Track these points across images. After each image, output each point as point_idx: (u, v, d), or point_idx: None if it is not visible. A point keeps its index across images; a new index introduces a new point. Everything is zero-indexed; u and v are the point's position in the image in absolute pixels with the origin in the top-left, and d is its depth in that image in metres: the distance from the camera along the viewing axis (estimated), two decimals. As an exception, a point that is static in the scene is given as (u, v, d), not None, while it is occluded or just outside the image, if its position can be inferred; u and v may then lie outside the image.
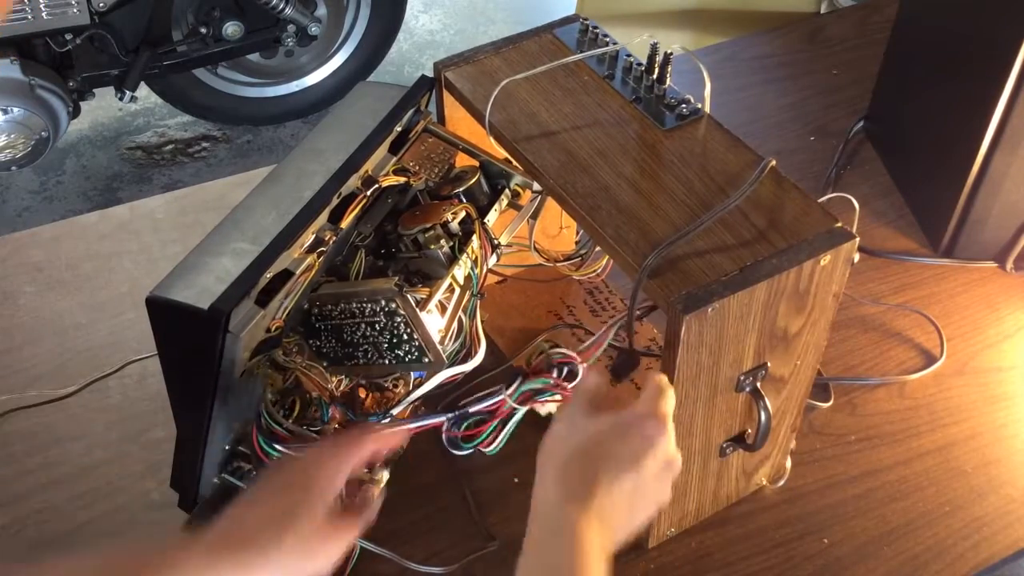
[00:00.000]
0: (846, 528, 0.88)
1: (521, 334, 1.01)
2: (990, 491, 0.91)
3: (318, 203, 0.77)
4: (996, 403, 0.99)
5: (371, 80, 2.30)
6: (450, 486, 0.90)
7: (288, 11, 2.39)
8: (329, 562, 0.63)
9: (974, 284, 1.11)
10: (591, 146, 0.82)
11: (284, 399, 0.80)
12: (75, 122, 2.49)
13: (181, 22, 2.38)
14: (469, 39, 3.05)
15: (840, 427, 0.96)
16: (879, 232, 1.17)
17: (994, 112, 1.00)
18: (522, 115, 0.85)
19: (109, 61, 2.29)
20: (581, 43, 0.92)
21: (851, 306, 1.07)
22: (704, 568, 0.85)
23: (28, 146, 2.21)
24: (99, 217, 1.20)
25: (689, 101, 0.84)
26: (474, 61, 0.91)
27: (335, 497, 0.65)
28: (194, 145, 2.68)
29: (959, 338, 1.05)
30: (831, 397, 0.98)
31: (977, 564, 0.86)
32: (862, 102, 1.30)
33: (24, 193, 2.51)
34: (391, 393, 0.88)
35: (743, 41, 1.48)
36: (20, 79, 2.13)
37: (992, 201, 1.07)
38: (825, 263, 0.72)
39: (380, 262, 0.85)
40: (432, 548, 0.85)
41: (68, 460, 0.92)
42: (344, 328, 0.81)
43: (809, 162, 1.25)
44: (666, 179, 0.78)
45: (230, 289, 0.69)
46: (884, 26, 1.30)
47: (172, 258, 0.77)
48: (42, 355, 1.02)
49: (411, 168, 0.88)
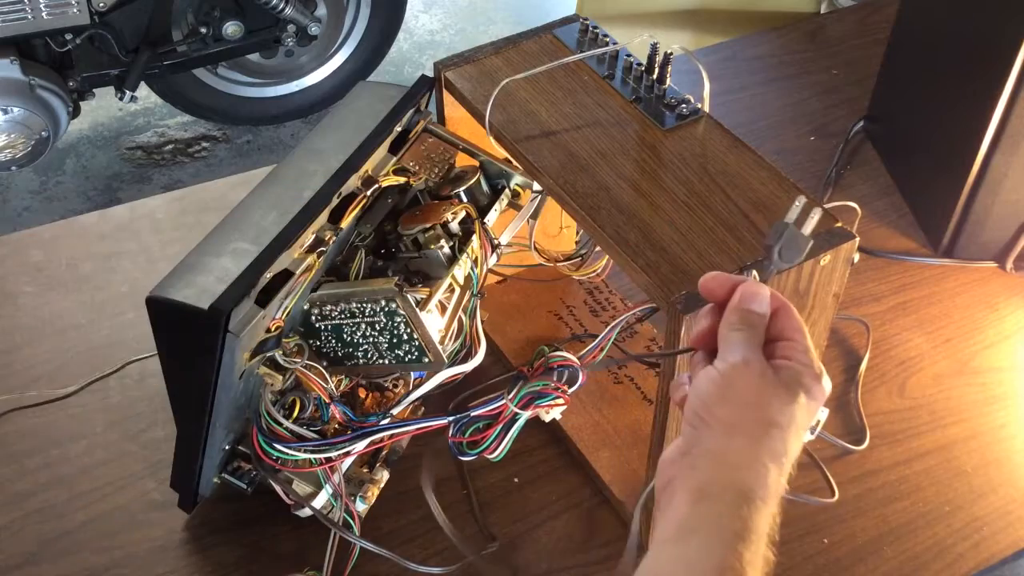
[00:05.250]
0: (846, 528, 0.88)
1: (521, 334, 1.01)
2: (990, 491, 0.91)
3: (318, 203, 0.77)
4: (996, 403, 0.99)
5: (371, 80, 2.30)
6: (450, 486, 0.90)
7: (288, 11, 2.39)
8: None
9: (974, 284, 1.11)
10: (591, 146, 0.82)
11: (284, 399, 0.80)
12: (75, 122, 2.49)
13: (181, 22, 2.38)
14: (469, 39, 3.05)
15: (840, 427, 0.96)
16: (879, 232, 1.17)
17: (994, 112, 1.00)
18: (522, 115, 0.85)
19: (109, 61, 2.29)
20: (581, 43, 0.92)
21: (850, 306, 1.07)
22: (704, 568, 0.85)
23: (28, 146, 2.21)
24: (99, 217, 1.20)
25: (689, 101, 0.84)
26: (474, 61, 0.91)
27: None
28: (194, 145, 2.68)
29: (959, 338, 1.05)
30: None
31: (977, 564, 0.86)
32: (862, 102, 1.30)
33: (24, 193, 2.51)
34: (391, 393, 0.88)
35: (743, 41, 1.48)
36: (20, 79, 2.13)
37: (992, 201, 1.07)
38: (825, 263, 0.72)
39: (380, 262, 0.85)
40: (432, 548, 0.85)
41: (68, 460, 0.92)
42: (344, 328, 0.81)
43: (809, 162, 1.25)
44: (666, 179, 0.78)
45: (230, 289, 0.69)
46: (884, 26, 1.30)
47: (172, 258, 0.77)
48: (42, 355, 1.02)
49: (411, 168, 0.88)
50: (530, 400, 0.88)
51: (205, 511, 0.88)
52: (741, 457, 0.53)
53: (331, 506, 0.82)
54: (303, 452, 0.80)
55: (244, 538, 0.86)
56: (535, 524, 0.88)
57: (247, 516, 0.87)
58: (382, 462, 0.86)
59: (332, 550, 0.81)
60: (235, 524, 0.87)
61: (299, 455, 0.80)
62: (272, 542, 0.86)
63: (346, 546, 0.82)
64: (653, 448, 0.77)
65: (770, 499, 0.52)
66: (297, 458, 0.80)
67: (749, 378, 0.55)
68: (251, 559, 0.85)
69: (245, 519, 0.87)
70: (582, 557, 0.85)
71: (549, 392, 0.88)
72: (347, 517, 0.82)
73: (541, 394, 0.88)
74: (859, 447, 0.94)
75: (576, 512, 0.89)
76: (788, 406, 0.54)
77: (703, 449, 0.54)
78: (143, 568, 0.84)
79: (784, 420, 0.54)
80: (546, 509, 0.89)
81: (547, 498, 0.90)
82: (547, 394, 0.88)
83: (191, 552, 0.85)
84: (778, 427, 0.54)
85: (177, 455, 0.81)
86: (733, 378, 0.55)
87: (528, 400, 0.88)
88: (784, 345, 0.57)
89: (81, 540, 0.86)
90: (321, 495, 0.81)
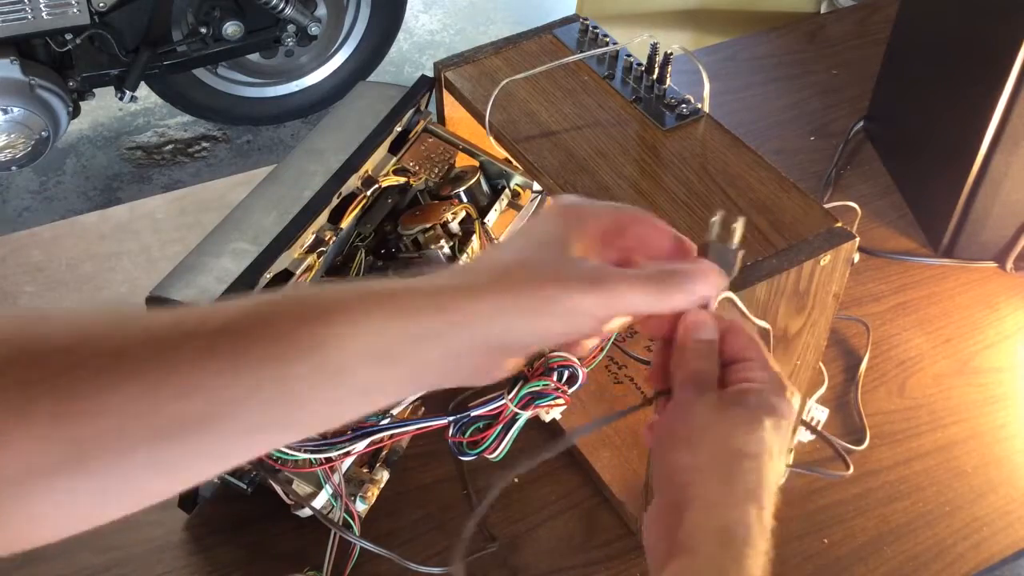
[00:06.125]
0: (846, 528, 0.88)
1: (521, 334, 1.01)
2: (990, 491, 0.91)
3: (318, 203, 0.77)
4: (996, 403, 0.99)
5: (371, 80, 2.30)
6: (450, 486, 0.90)
7: (288, 11, 2.39)
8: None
9: (974, 284, 1.11)
10: (591, 146, 0.82)
11: (284, 399, 0.80)
12: (75, 122, 2.49)
13: (181, 22, 2.38)
14: (469, 39, 3.05)
15: (840, 427, 0.96)
16: (879, 232, 1.17)
17: (994, 112, 1.00)
18: (522, 115, 0.85)
19: (109, 61, 2.29)
20: (581, 43, 0.92)
21: (850, 306, 1.07)
22: (704, 568, 0.85)
23: (28, 146, 2.21)
24: (99, 217, 1.20)
25: (689, 101, 0.84)
26: (474, 61, 0.91)
27: None
28: (194, 145, 2.68)
29: (959, 338, 1.05)
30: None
31: (977, 564, 0.86)
32: (862, 102, 1.30)
33: (24, 193, 2.51)
34: (391, 393, 0.88)
35: (743, 41, 1.48)
36: (20, 79, 2.13)
37: (992, 201, 1.07)
38: (825, 263, 0.72)
39: (380, 262, 0.85)
40: (432, 548, 0.85)
41: (68, 460, 0.92)
42: (344, 328, 0.81)
43: (809, 162, 1.25)
44: (666, 179, 0.78)
45: (230, 289, 0.69)
46: (884, 26, 1.30)
47: (172, 258, 0.77)
48: (42, 355, 1.02)
49: (411, 168, 0.88)
50: (530, 400, 0.88)
51: (205, 511, 0.87)
52: (717, 497, 0.49)
53: (331, 506, 0.82)
54: (303, 452, 0.80)
55: (244, 538, 0.86)
56: (535, 524, 0.88)
57: (247, 516, 0.87)
58: (382, 462, 0.86)
59: (332, 550, 0.81)
60: (235, 524, 0.87)
61: (299, 455, 0.80)
62: (272, 542, 0.86)
63: (346, 546, 0.81)
64: (653, 448, 0.77)
65: (754, 538, 0.49)
66: (297, 458, 0.80)
67: (706, 414, 0.51)
68: (251, 559, 0.85)
69: (245, 519, 0.87)
70: (582, 557, 0.85)
71: (549, 392, 0.88)
72: (347, 517, 0.82)
73: (541, 394, 0.88)
74: (859, 447, 0.94)
75: (576, 512, 0.89)
76: (754, 433, 0.50)
77: (676, 501, 0.50)
78: (143, 568, 0.84)
79: (753, 448, 0.50)
80: (546, 509, 0.89)
81: (547, 498, 0.90)
82: (547, 394, 0.88)
83: (191, 552, 0.85)
84: (749, 457, 0.50)
85: (177, 455, 0.81)
86: (689, 419, 0.51)
87: (528, 400, 0.88)
88: (740, 367, 0.53)
89: (81, 540, 0.85)
90: (321, 495, 0.81)
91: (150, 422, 0.41)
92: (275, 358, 0.43)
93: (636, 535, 0.86)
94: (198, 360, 0.42)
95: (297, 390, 0.44)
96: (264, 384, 0.43)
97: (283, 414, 0.44)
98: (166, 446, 0.42)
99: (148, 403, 0.41)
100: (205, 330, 0.43)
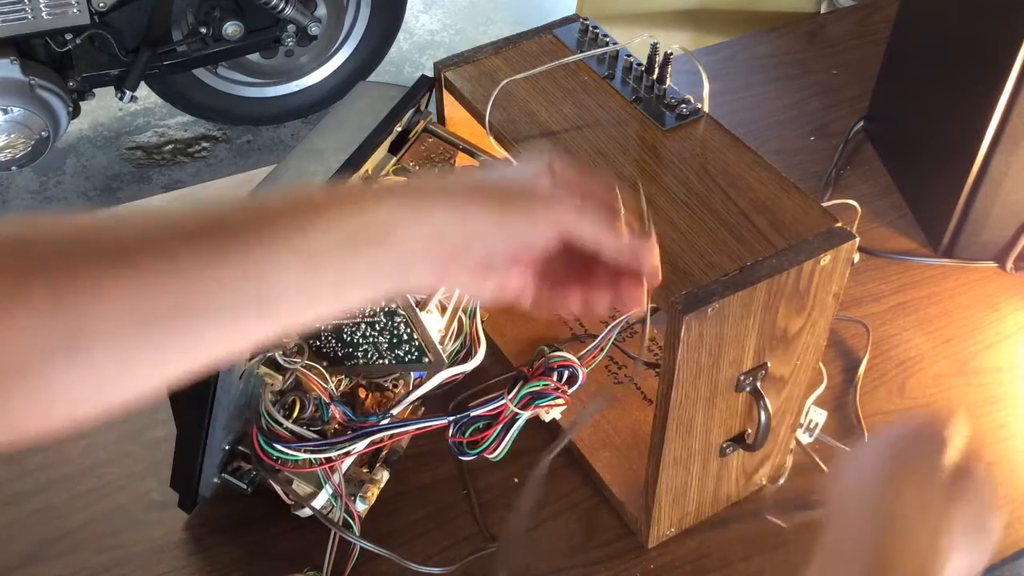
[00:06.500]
0: (846, 528, 0.88)
1: (521, 334, 1.01)
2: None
3: (318, 203, 0.77)
4: (996, 403, 0.99)
5: (371, 80, 2.30)
6: (450, 486, 0.90)
7: (288, 11, 2.39)
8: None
9: (974, 284, 1.11)
10: (591, 146, 0.82)
11: (284, 399, 0.80)
12: (75, 122, 2.49)
13: (181, 22, 2.38)
14: (469, 39, 3.05)
15: (839, 428, 0.96)
16: (879, 232, 1.16)
17: (994, 112, 1.00)
18: (522, 115, 0.85)
19: (109, 61, 2.30)
20: (581, 43, 0.92)
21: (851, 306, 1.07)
22: (704, 568, 0.85)
23: (28, 146, 2.21)
24: (99, 217, 1.20)
25: (689, 101, 0.84)
26: (474, 61, 0.91)
27: None
28: (194, 145, 2.68)
29: (959, 338, 1.05)
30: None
31: (977, 564, 0.86)
32: (862, 102, 1.30)
33: (24, 193, 2.51)
34: (391, 393, 0.88)
35: (743, 41, 1.48)
36: (20, 79, 2.13)
37: (992, 201, 1.07)
38: (825, 263, 0.72)
39: (380, 262, 0.85)
40: (432, 548, 0.85)
41: (68, 460, 0.92)
42: (344, 328, 0.81)
43: (809, 162, 1.25)
44: (666, 179, 0.78)
45: (230, 289, 0.69)
46: (884, 26, 1.30)
47: (172, 258, 0.77)
48: (42, 355, 1.02)
49: (411, 168, 0.88)
50: (530, 400, 0.88)
51: (205, 511, 0.88)
52: None
53: (331, 506, 0.82)
54: (303, 452, 0.80)
55: (244, 538, 0.86)
56: (535, 524, 0.88)
57: (247, 516, 0.87)
58: (382, 462, 0.86)
59: (332, 550, 0.81)
60: (235, 524, 0.87)
61: (299, 455, 0.80)
62: (272, 542, 0.86)
63: (346, 546, 0.82)
64: (653, 448, 0.77)
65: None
66: (297, 458, 0.80)
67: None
68: (251, 559, 0.85)
69: (245, 519, 0.87)
70: (582, 557, 0.85)
71: (549, 392, 0.88)
72: (347, 517, 0.82)
73: (541, 394, 0.88)
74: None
75: (576, 512, 0.89)
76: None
77: None
78: (143, 568, 0.84)
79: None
80: (546, 509, 0.89)
81: (547, 498, 0.90)
82: (547, 394, 0.88)
83: (191, 552, 0.85)
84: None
85: (177, 455, 0.81)
86: None
87: (528, 400, 0.88)
88: None
89: (81, 540, 0.86)
90: (321, 495, 0.81)
91: (146, 305, 0.44)
92: (261, 243, 0.47)
93: (636, 535, 0.86)
94: (191, 249, 0.45)
95: (272, 277, 0.47)
96: (250, 273, 0.46)
97: (258, 302, 0.47)
98: (159, 330, 0.44)
99: (143, 288, 0.43)
100: (195, 222, 0.46)
